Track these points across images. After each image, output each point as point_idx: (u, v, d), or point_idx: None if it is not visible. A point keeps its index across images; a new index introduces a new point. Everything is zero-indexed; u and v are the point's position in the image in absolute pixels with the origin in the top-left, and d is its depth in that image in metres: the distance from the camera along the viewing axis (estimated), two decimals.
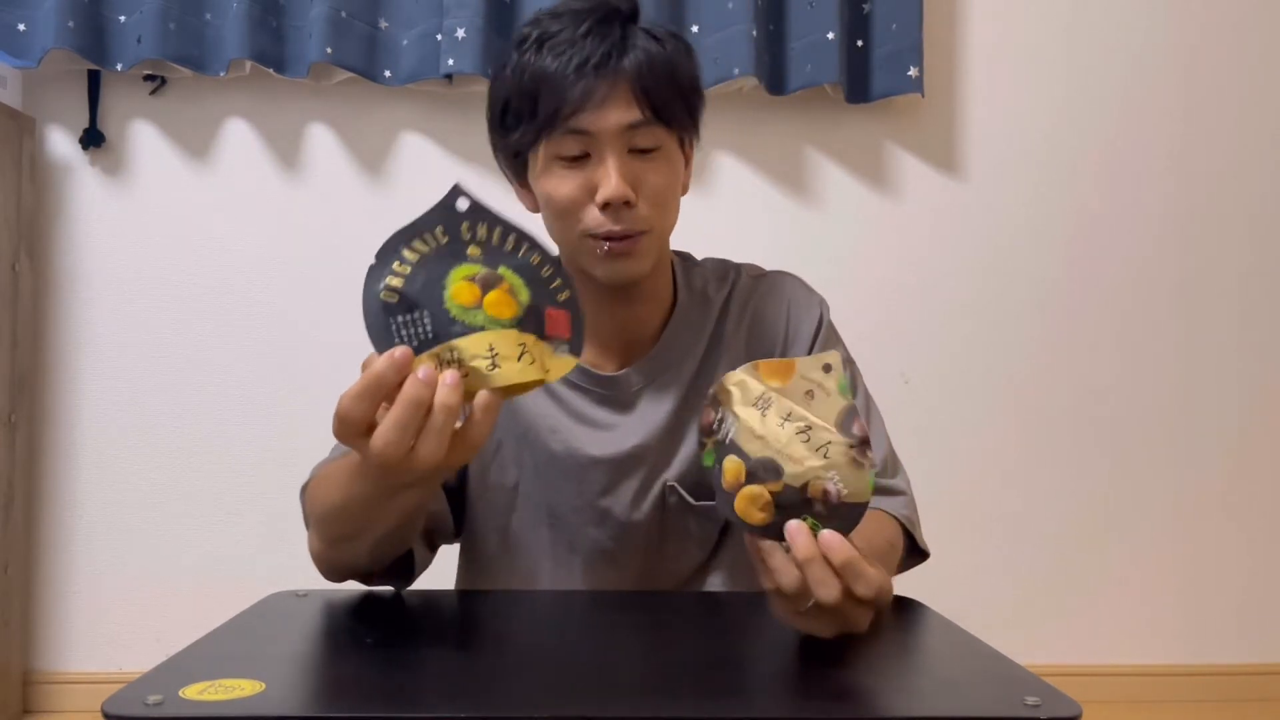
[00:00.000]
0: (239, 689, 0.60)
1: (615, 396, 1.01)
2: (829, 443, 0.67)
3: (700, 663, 0.73)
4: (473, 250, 0.61)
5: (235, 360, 2.04)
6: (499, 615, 0.88)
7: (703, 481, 0.99)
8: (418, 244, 0.60)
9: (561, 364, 0.63)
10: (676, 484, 1.01)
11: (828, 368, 0.69)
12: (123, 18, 1.93)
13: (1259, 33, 2.18)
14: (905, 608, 0.87)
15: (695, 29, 2.01)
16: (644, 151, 0.93)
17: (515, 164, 0.98)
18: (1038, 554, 2.15)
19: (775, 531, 0.68)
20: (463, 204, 0.60)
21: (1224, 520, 2.17)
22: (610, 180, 0.90)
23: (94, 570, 2.03)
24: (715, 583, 1.05)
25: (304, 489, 0.94)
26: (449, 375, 0.58)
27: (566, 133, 0.91)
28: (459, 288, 0.60)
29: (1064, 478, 2.15)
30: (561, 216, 0.94)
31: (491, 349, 0.59)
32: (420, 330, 0.58)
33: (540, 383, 0.62)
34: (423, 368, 0.57)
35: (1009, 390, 2.15)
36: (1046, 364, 2.15)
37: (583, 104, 0.89)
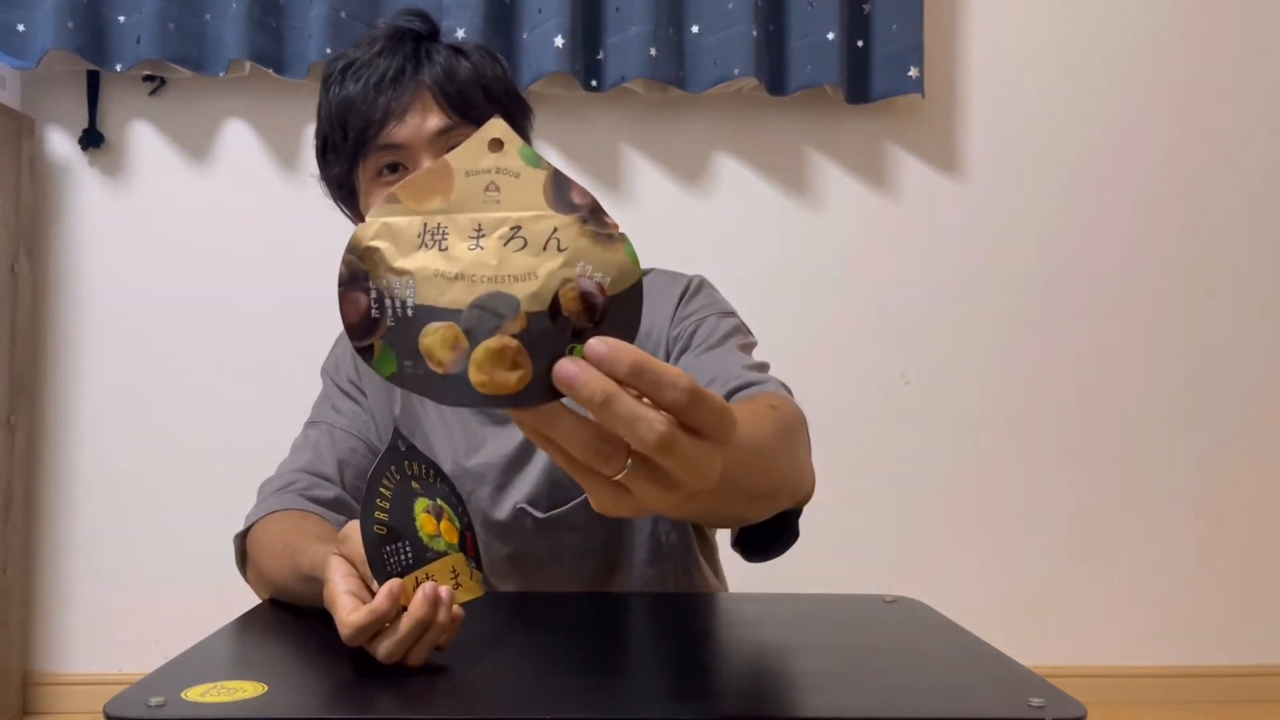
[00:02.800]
0: (241, 691, 0.60)
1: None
2: (554, 230, 0.47)
3: (699, 663, 0.73)
4: (415, 485, 0.72)
5: (234, 361, 2.04)
6: (499, 617, 0.88)
7: (562, 503, 0.98)
8: (385, 482, 0.69)
9: (479, 577, 0.74)
10: (526, 505, 0.99)
11: (495, 144, 0.48)
12: (122, 18, 1.93)
13: (1258, 33, 2.18)
14: (907, 608, 0.87)
15: (695, 29, 2.01)
16: None
17: (344, 196, 0.98)
18: (1038, 554, 2.14)
19: (542, 390, 0.46)
20: (402, 445, 0.72)
21: (1225, 520, 2.17)
22: None
23: (93, 571, 2.02)
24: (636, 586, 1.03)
25: (242, 536, 0.97)
26: (445, 593, 0.67)
27: (378, 149, 0.91)
28: (423, 519, 0.71)
29: (1065, 478, 2.15)
30: None
31: (454, 571, 0.71)
32: (403, 558, 0.68)
33: (478, 597, 0.73)
34: (424, 589, 0.67)
35: (1009, 390, 2.15)
36: (1047, 364, 2.15)
37: (386, 118, 0.90)
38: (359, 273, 0.51)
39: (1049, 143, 2.15)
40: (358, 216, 1.00)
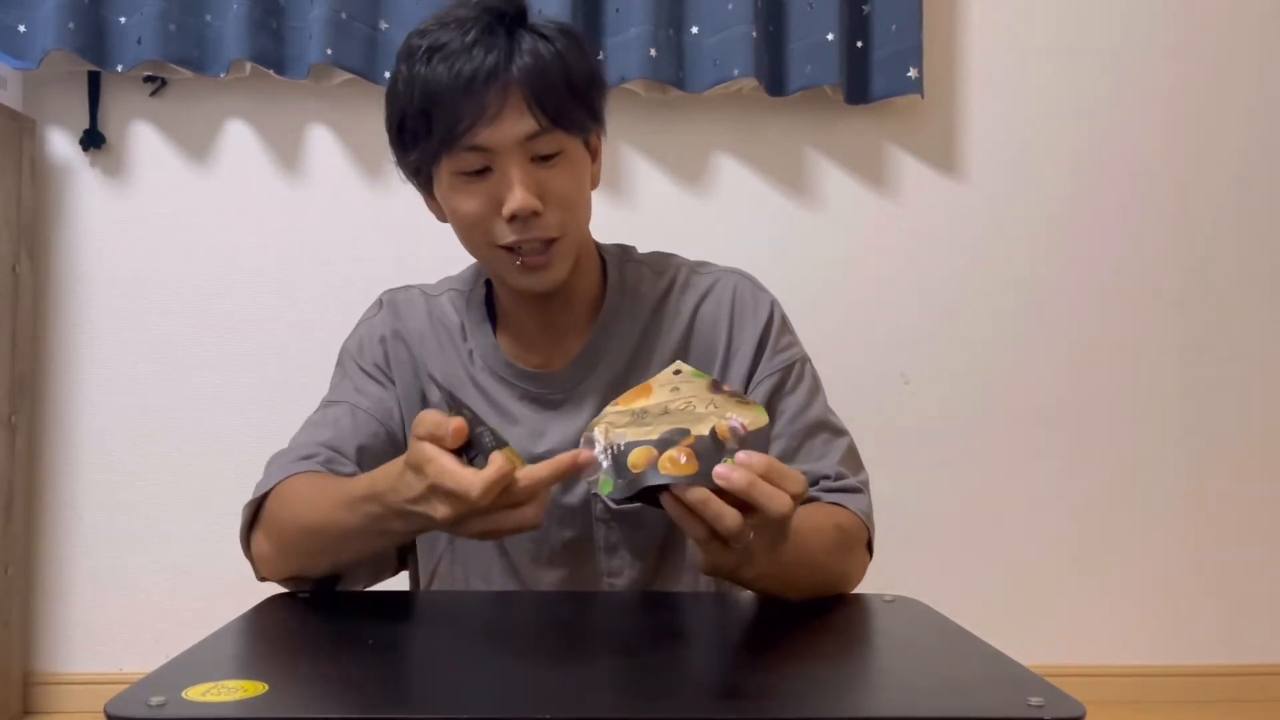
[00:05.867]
0: (242, 690, 0.60)
1: (538, 394, 1.01)
2: (711, 401, 0.75)
3: (698, 663, 0.73)
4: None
5: (235, 360, 2.04)
6: (502, 616, 0.88)
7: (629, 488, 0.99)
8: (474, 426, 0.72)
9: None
10: (600, 492, 0.99)
11: (677, 371, 0.79)
12: (123, 19, 1.93)
13: (1258, 33, 2.18)
14: (906, 608, 0.88)
15: (695, 30, 2.01)
16: (546, 158, 0.91)
17: (419, 178, 0.97)
18: (1037, 554, 2.15)
19: (704, 479, 0.70)
20: (467, 413, 0.73)
21: (1225, 520, 2.17)
22: (515, 193, 0.89)
23: (94, 571, 2.02)
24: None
25: (254, 502, 0.94)
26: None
27: (464, 150, 0.89)
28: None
29: (1064, 478, 2.15)
30: (470, 231, 0.94)
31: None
32: (488, 441, 0.72)
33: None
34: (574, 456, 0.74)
35: (1009, 390, 2.15)
36: (1046, 364, 2.15)
37: (477, 120, 0.88)
38: (591, 440, 0.75)
39: (1048, 143, 2.15)
40: (428, 195, 0.99)
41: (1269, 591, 2.18)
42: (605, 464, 0.73)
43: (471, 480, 0.69)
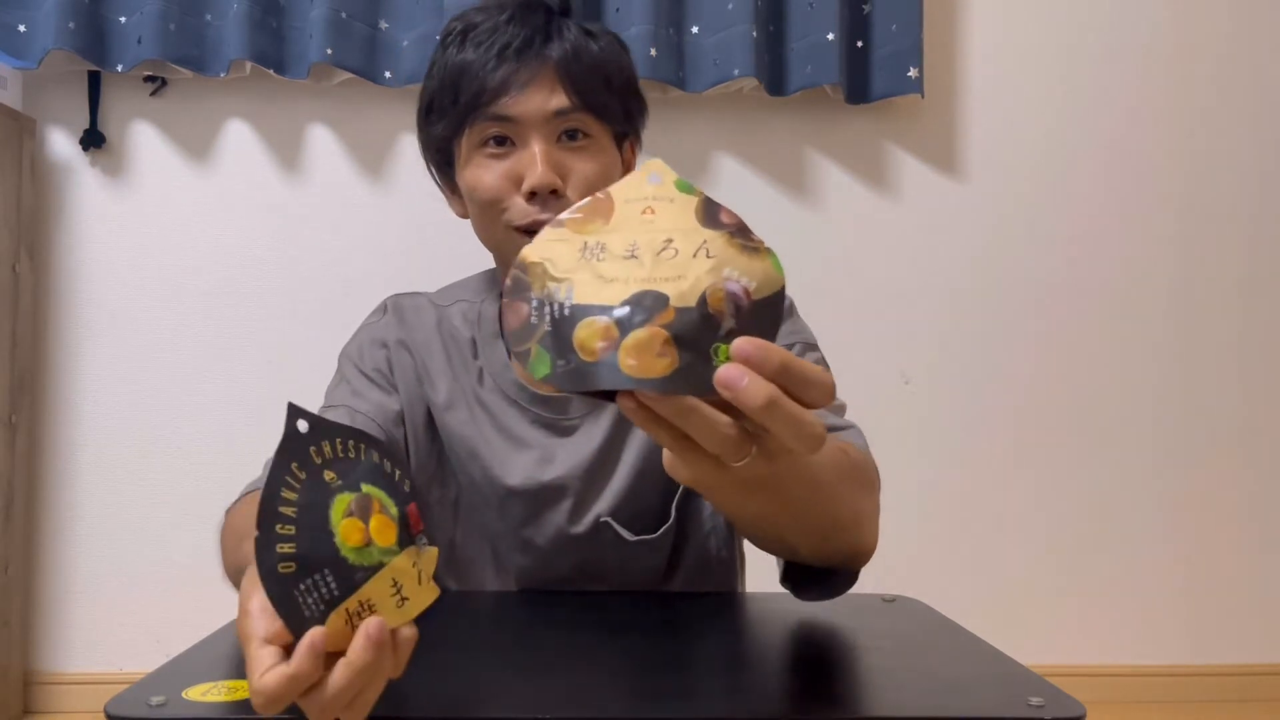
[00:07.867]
0: (242, 690, 0.60)
1: (551, 420, 0.96)
2: (704, 241, 0.51)
3: (698, 664, 0.73)
4: (329, 475, 0.53)
5: (235, 361, 2.04)
6: (502, 616, 0.88)
7: (640, 512, 0.94)
8: (286, 494, 0.51)
9: (429, 558, 0.57)
10: (611, 519, 0.95)
11: (654, 176, 0.54)
12: (123, 19, 1.93)
13: (1259, 33, 2.18)
14: (906, 607, 0.87)
15: (695, 29, 2.01)
16: (573, 141, 0.89)
17: (440, 160, 0.95)
18: (1038, 554, 2.15)
19: (682, 381, 0.48)
20: (303, 425, 0.53)
21: (1224, 520, 2.17)
22: (535, 167, 0.86)
23: (94, 571, 2.02)
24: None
25: (221, 528, 0.85)
26: (400, 633, 0.53)
27: (488, 119, 0.88)
28: (345, 529, 0.52)
29: (1064, 477, 2.16)
30: (485, 209, 0.90)
31: (395, 584, 0.53)
32: (325, 591, 0.51)
33: (436, 595, 0.57)
34: (365, 630, 0.51)
35: (1009, 390, 2.15)
36: (1046, 364, 2.15)
37: (504, 89, 0.86)
38: (522, 284, 0.53)
39: (1048, 143, 2.15)
40: (449, 185, 0.97)
41: (1268, 590, 2.18)
42: (545, 328, 0.51)
43: (255, 686, 0.49)
